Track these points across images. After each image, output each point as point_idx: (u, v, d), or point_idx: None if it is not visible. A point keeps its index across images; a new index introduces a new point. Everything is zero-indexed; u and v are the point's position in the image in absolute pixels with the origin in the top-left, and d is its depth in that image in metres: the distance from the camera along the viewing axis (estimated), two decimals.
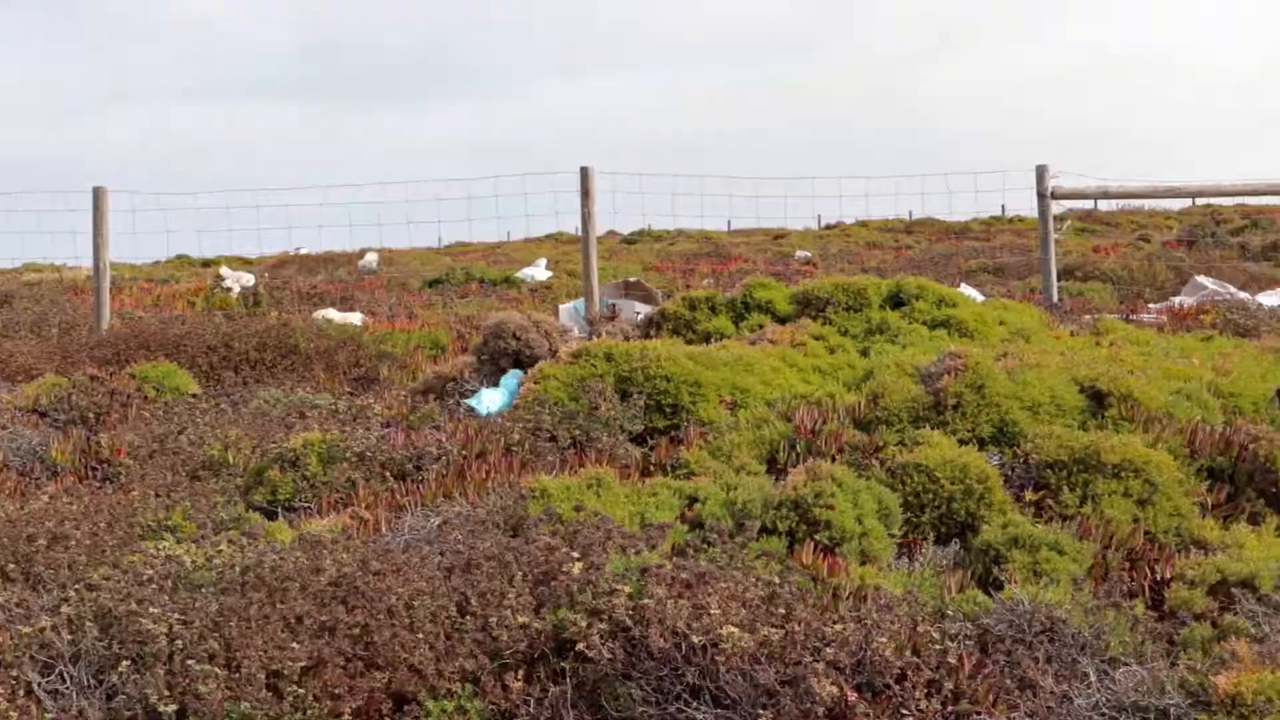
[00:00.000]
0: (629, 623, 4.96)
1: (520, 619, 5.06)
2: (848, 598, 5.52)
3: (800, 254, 32.66)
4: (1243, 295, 17.90)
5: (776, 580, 5.25)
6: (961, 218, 42.61)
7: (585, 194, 13.93)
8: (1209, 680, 4.52)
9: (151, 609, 4.91)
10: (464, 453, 7.63)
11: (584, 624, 4.93)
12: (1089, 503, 6.73)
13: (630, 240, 42.97)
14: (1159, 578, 6.05)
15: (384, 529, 6.54)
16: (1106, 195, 15.89)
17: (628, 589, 5.08)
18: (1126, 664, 5.02)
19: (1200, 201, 44.20)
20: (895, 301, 10.25)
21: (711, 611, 4.93)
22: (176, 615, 4.88)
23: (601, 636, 4.92)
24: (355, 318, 16.47)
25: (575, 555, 5.38)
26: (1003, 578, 5.93)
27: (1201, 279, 19.26)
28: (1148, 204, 43.65)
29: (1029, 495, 6.86)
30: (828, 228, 46.73)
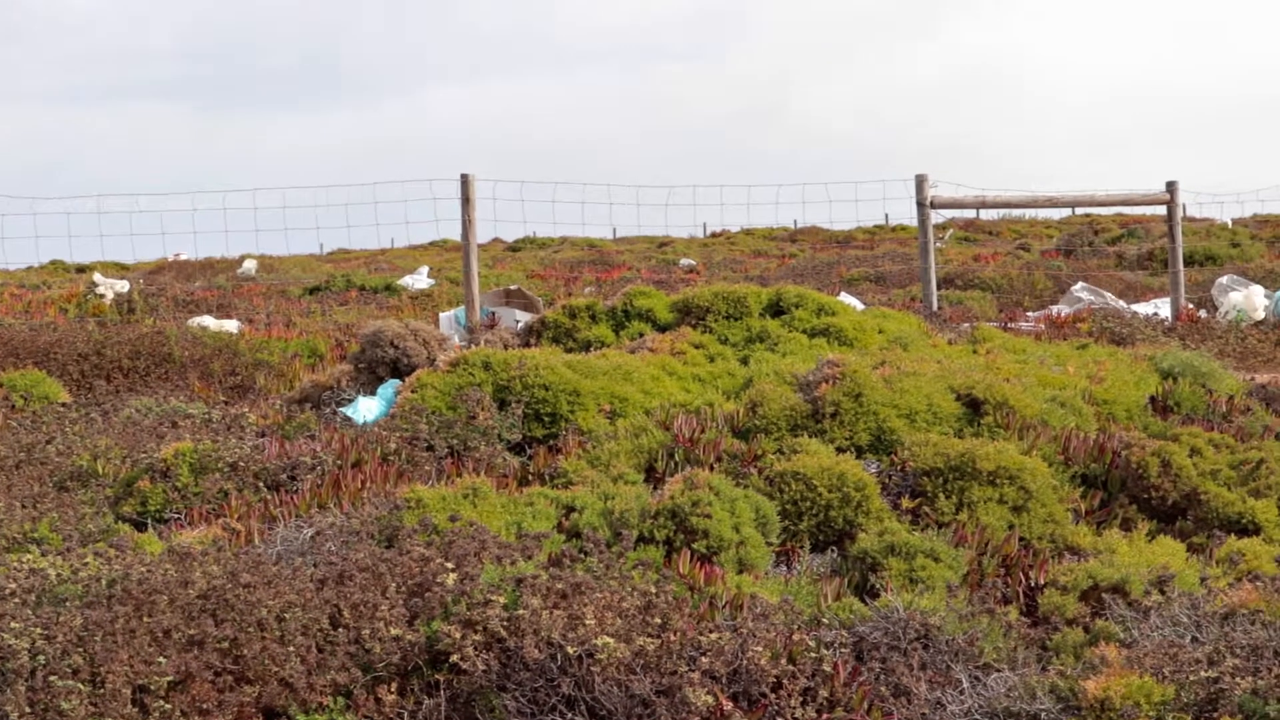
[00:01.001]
0: (504, 634, 4.91)
1: (393, 631, 4.99)
2: (724, 607, 5.50)
3: (685, 262, 32.75)
4: (1119, 304, 18.19)
5: (653, 590, 5.22)
6: (846, 226, 42.99)
7: (466, 201, 13.83)
8: (1079, 685, 4.55)
9: (13, 623, 4.77)
10: (339, 462, 7.52)
11: (458, 635, 4.87)
12: (965, 510, 6.77)
13: (515, 247, 42.87)
14: (1033, 584, 6.10)
15: (256, 540, 6.42)
16: (984, 204, 16.07)
17: (503, 600, 5.03)
18: (999, 670, 5.05)
19: (1080, 211, 44.93)
20: (776, 310, 10.26)
21: (587, 622, 4.89)
22: (39, 630, 4.75)
23: (476, 648, 4.86)
24: (232, 325, 16.25)
25: (450, 566, 5.31)
26: (879, 585, 5.94)
27: (1080, 288, 19.56)
28: (1029, 213, 44.34)
29: (906, 503, 6.89)
30: (713, 236, 46.94)
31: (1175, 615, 5.18)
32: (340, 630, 5.01)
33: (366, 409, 9.03)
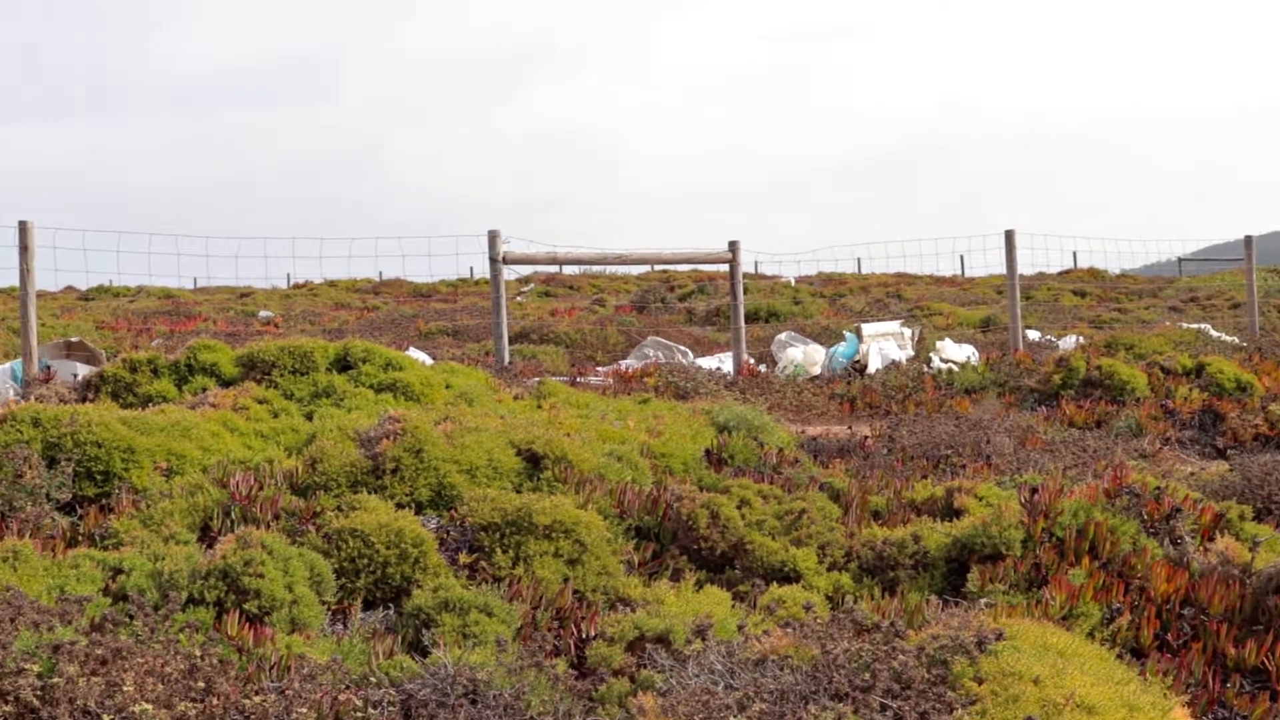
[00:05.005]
0: (37, 703, 4.72)
1: None
2: (272, 668, 5.44)
3: (264, 314, 32.20)
4: (687, 358, 18.81)
5: (198, 653, 5.12)
6: (430, 279, 43.13)
7: (24, 249, 13.28)
8: None
9: None
10: None
11: None
12: (522, 564, 6.87)
13: (88, 296, 41.35)
14: (584, 635, 6.24)
15: None
16: (555, 260, 16.39)
17: (37, 668, 4.85)
18: None
19: (659, 267, 46.25)
20: (343, 365, 10.21)
21: (126, 688, 4.76)
22: None
23: (6, 718, 4.67)
24: None
25: None
26: (432, 642, 5.97)
27: (650, 342, 20.15)
28: (609, 269, 45.36)
29: (464, 558, 6.96)
30: (295, 287, 46.38)
31: (711, 663, 5.39)
32: None
33: None
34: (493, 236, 15.56)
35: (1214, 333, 22.61)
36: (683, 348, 20.22)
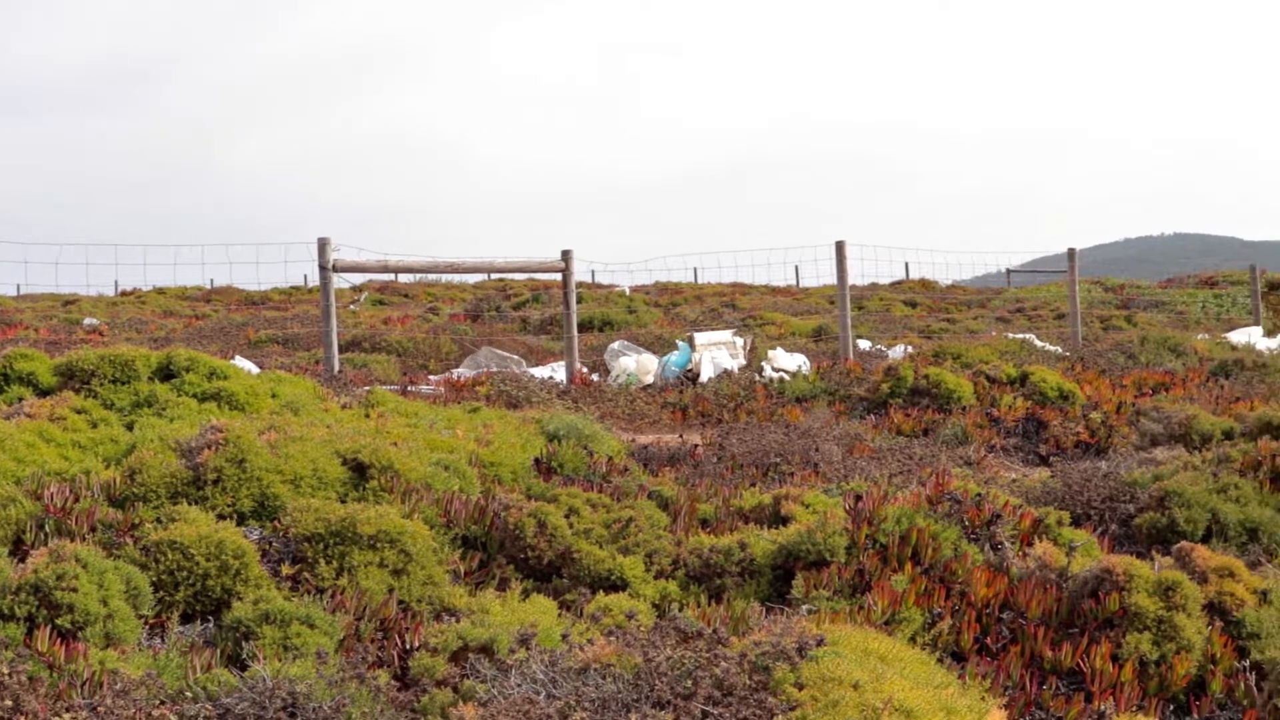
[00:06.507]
0: None
1: None
2: (84, 685, 5.30)
3: (89, 321, 31.50)
4: (517, 368, 18.76)
5: (5, 670, 4.97)
6: (260, 287, 42.62)
7: None
8: None
9: None
10: None
11: None
12: (346, 574, 6.79)
13: None
14: (408, 646, 6.18)
15: None
16: (387, 269, 16.24)
17: None
18: None
19: (495, 276, 46.09)
20: (166, 374, 10.01)
21: None
22: None
23: None
24: None
25: None
26: (252, 655, 5.87)
27: (485, 352, 20.06)
28: (445, 278, 45.13)
29: (287, 569, 6.85)
30: (124, 294, 45.51)
31: (534, 672, 5.37)
32: None
33: None
34: (322, 244, 15.38)
35: (1038, 343, 23.11)
36: (516, 356, 20.17)
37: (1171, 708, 6.54)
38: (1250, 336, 26.30)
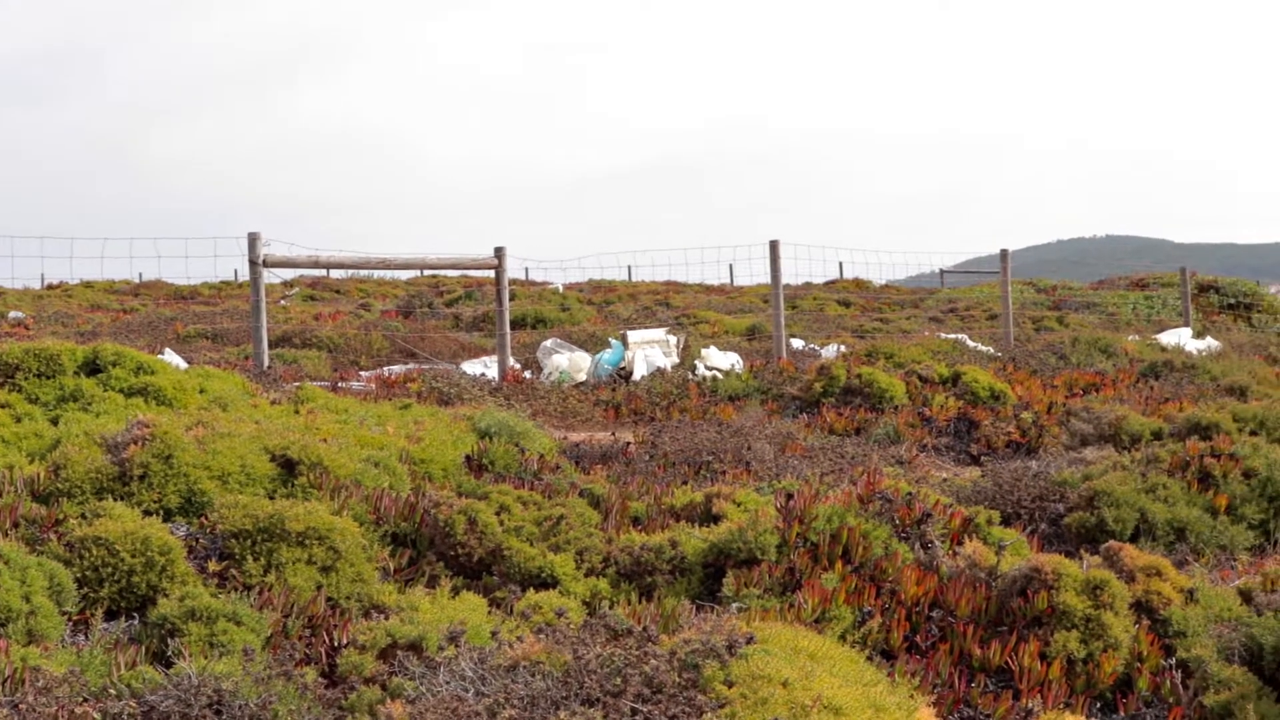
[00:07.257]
0: None
1: None
2: (4, 682, 5.21)
3: (14, 315, 31.11)
4: (446, 364, 18.69)
5: None
6: (189, 281, 42.27)
7: None
8: None
9: None
10: None
11: None
12: (274, 571, 6.72)
13: None
14: (336, 643, 6.12)
15: None
16: (318, 264, 16.14)
17: None
18: None
19: (428, 273, 45.91)
20: (93, 368, 9.89)
21: None
22: None
23: None
24: None
25: None
26: (177, 652, 5.80)
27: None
28: (378, 274, 44.92)
29: (214, 566, 6.78)
30: (49, 288, 45.00)
31: (463, 670, 5.33)
32: None
33: None
34: (253, 239, 15.26)
35: (971, 343, 23.26)
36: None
37: (1098, 705, 6.59)
38: (1180, 338, 26.56)
